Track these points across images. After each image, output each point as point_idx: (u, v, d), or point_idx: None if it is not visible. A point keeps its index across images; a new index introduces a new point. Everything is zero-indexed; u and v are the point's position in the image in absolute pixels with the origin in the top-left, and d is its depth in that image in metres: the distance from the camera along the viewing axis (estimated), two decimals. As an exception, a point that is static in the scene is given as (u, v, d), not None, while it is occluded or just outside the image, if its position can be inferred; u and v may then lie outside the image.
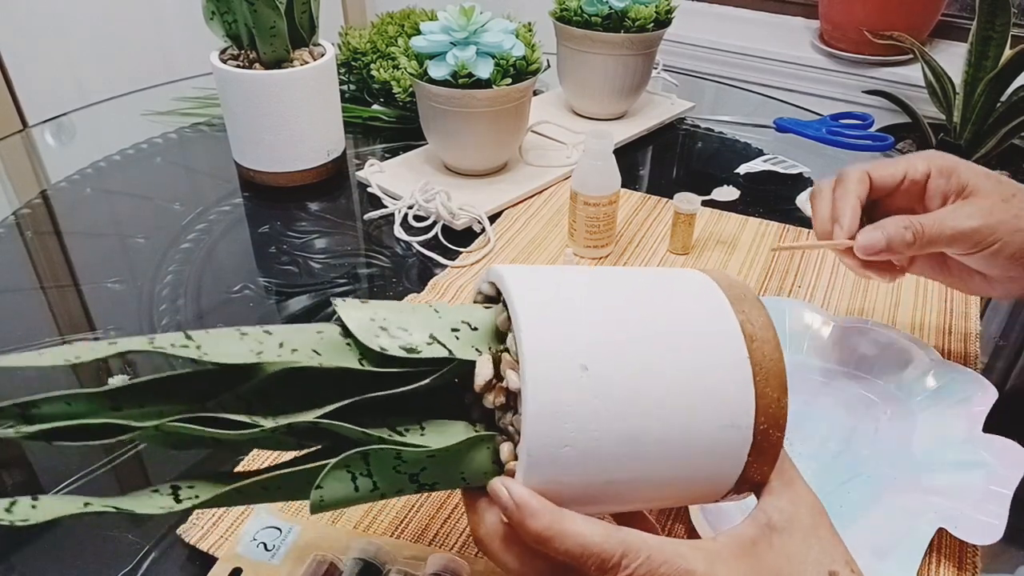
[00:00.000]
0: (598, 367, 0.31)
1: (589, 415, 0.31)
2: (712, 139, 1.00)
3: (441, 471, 0.33)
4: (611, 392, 0.31)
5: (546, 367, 0.31)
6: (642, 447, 0.32)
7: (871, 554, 0.43)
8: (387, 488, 0.32)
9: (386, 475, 0.32)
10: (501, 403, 0.32)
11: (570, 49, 0.93)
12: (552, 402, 0.30)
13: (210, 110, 1.03)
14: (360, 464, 0.32)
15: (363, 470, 0.32)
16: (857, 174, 0.50)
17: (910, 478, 0.49)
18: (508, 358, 0.32)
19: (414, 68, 0.77)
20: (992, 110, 1.47)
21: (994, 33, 1.41)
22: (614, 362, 0.32)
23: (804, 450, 0.52)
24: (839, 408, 0.55)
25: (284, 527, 0.45)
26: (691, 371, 0.32)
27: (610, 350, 0.32)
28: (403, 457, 0.32)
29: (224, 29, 0.79)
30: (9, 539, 0.46)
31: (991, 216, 0.48)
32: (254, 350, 0.31)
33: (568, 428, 0.30)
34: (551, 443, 0.30)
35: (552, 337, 0.31)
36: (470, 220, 0.77)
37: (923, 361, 0.56)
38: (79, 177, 0.87)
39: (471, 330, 0.34)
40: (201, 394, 0.32)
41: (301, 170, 0.82)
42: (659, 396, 0.32)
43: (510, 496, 0.31)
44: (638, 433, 0.31)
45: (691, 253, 0.73)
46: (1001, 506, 0.44)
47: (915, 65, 1.60)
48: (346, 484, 0.32)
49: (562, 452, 0.30)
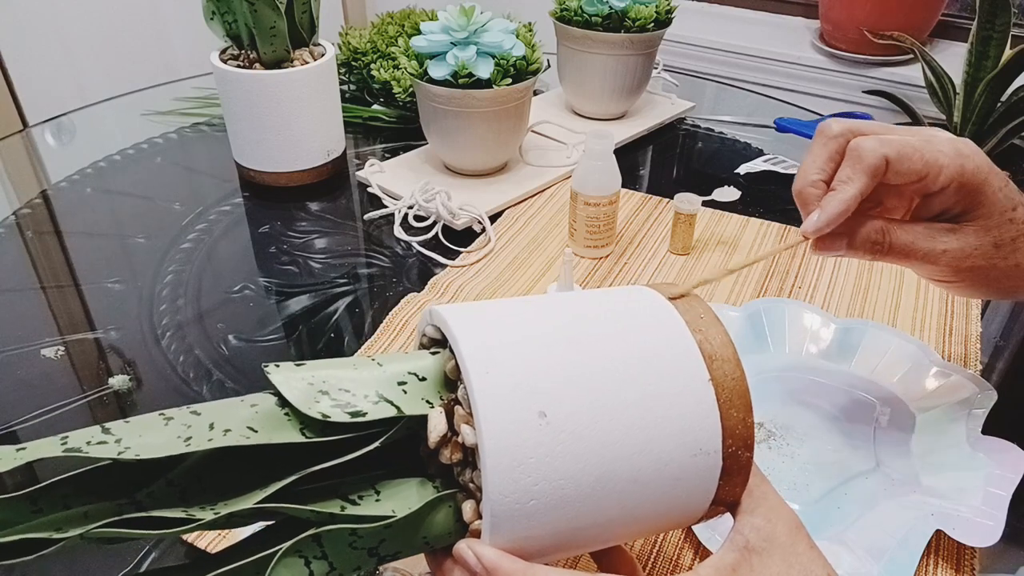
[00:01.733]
0: (557, 411, 0.29)
1: (552, 464, 0.29)
2: (712, 139, 1.00)
3: (402, 539, 0.31)
4: (573, 437, 0.29)
5: (502, 419, 0.29)
6: (611, 488, 0.30)
7: (869, 555, 0.43)
8: (344, 567, 0.30)
9: (342, 554, 0.30)
10: (458, 459, 0.31)
11: (570, 49, 0.93)
12: (512, 455, 0.28)
13: (210, 110, 1.03)
14: (313, 547, 0.29)
15: (316, 552, 0.29)
16: (875, 161, 0.41)
17: (909, 480, 0.49)
18: (461, 411, 0.31)
19: (414, 68, 0.77)
20: (992, 110, 1.47)
21: (994, 33, 1.41)
22: (573, 404, 0.30)
23: (803, 451, 0.52)
24: (838, 409, 0.55)
25: (284, 527, 0.45)
26: (654, 403, 0.31)
27: (568, 392, 0.30)
28: (359, 533, 0.30)
29: (224, 29, 0.79)
30: (9, 539, 0.46)
31: (966, 262, 0.43)
32: (181, 436, 0.28)
33: (531, 480, 0.29)
34: (515, 498, 0.29)
35: (505, 385, 0.29)
36: (470, 220, 0.77)
37: (923, 363, 0.56)
38: (79, 177, 0.87)
39: (419, 381, 0.32)
40: (129, 484, 0.29)
41: (301, 170, 0.82)
42: (623, 434, 0.30)
43: (478, 560, 0.30)
44: (605, 475, 0.30)
45: (691, 253, 0.73)
46: (999, 508, 0.44)
47: (915, 65, 1.60)
48: (299, 570, 0.29)
49: (528, 506, 0.29)
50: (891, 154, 0.41)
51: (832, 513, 0.47)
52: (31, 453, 0.27)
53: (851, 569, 0.43)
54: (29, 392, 0.57)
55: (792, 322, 0.61)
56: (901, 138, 0.42)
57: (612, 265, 0.72)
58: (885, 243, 0.43)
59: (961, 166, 0.42)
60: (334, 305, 0.67)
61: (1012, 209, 0.43)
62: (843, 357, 0.58)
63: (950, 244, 0.43)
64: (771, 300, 0.64)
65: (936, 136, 0.43)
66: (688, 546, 0.46)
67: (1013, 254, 0.43)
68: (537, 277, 0.70)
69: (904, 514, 0.46)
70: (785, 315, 0.61)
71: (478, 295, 0.68)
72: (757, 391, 0.54)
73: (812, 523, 0.46)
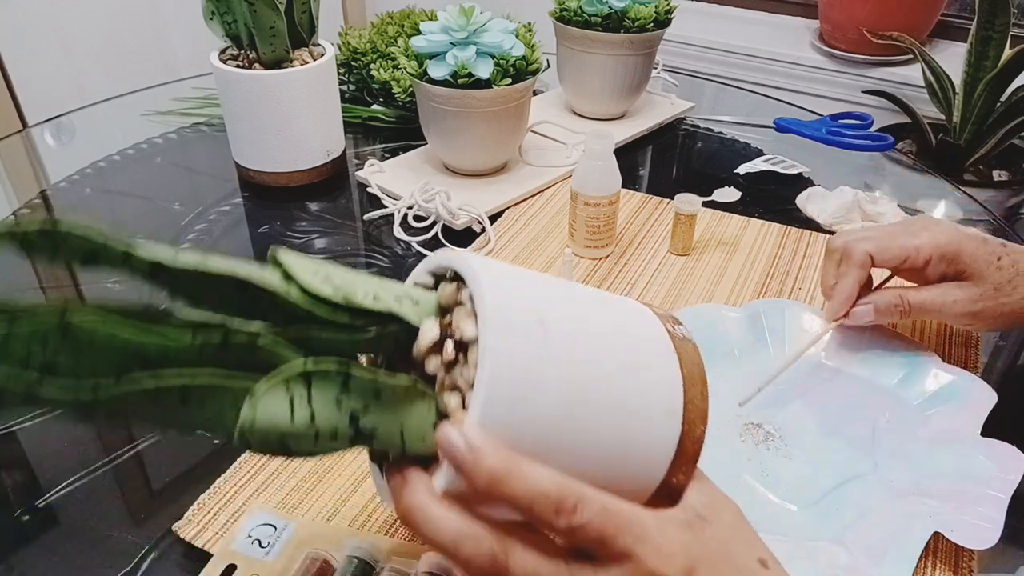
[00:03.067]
0: (553, 325, 0.31)
1: (544, 368, 0.30)
2: (712, 139, 1.00)
3: (383, 415, 0.30)
4: (565, 349, 0.31)
5: (505, 316, 0.30)
6: (590, 406, 0.31)
7: (866, 556, 0.43)
8: (323, 424, 0.29)
9: (327, 407, 0.29)
10: (450, 359, 0.31)
11: (570, 49, 0.93)
12: (511, 349, 0.29)
13: (210, 110, 1.03)
14: (301, 388, 0.28)
15: (303, 395, 0.28)
16: (860, 257, 0.54)
17: (907, 481, 0.49)
18: (462, 311, 0.31)
19: (414, 68, 0.77)
20: (992, 110, 1.47)
21: (994, 33, 1.41)
22: (569, 324, 0.32)
23: (802, 453, 0.52)
24: (838, 410, 0.55)
25: (279, 524, 0.46)
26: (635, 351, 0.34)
27: (564, 312, 0.32)
28: (349, 387, 0.29)
29: (224, 29, 0.79)
30: (9, 539, 0.46)
31: (977, 304, 0.53)
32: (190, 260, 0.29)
33: (523, 378, 0.30)
34: (506, 392, 0.29)
35: (510, 290, 0.31)
36: (470, 220, 0.77)
37: (923, 363, 0.56)
38: (79, 177, 0.87)
39: (413, 303, 0.32)
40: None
41: (301, 170, 0.82)
42: (608, 358, 0.33)
43: (462, 436, 0.29)
44: (588, 394, 0.31)
45: (692, 254, 0.73)
46: (998, 511, 0.44)
47: (915, 65, 1.60)
48: (283, 408, 0.28)
49: (516, 402, 0.30)
50: (872, 249, 0.54)
51: (831, 514, 0.47)
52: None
53: (850, 570, 0.43)
54: (29, 392, 0.57)
55: (792, 323, 0.61)
56: (880, 235, 0.55)
57: (612, 265, 0.72)
58: (904, 305, 0.54)
59: (935, 241, 0.53)
60: (334, 305, 0.67)
61: (997, 259, 0.53)
62: (842, 358, 0.58)
63: (958, 295, 0.53)
64: (771, 301, 0.64)
65: (912, 223, 0.55)
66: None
67: (1014, 291, 0.52)
68: (537, 277, 0.70)
69: (903, 515, 0.46)
70: (785, 316, 0.61)
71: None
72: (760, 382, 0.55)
73: (811, 524, 0.47)
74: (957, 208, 0.85)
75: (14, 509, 0.48)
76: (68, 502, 0.49)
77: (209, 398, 0.28)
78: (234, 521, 0.46)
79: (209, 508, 0.47)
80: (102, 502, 0.49)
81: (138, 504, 0.49)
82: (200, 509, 0.47)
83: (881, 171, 0.94)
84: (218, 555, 0.44)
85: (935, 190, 0.90)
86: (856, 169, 0.93)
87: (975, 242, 0.53)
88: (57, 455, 0.52)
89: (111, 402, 0.26)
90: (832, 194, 0.80)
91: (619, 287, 0.69)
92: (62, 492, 0.49)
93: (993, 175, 1.53)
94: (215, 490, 0.49)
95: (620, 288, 0.69)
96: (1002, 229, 0.81)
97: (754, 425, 0.54)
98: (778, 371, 0.54)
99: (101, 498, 0.49)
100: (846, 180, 0.86)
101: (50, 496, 0.49)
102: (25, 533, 0.47)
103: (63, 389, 0.26)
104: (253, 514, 0.46)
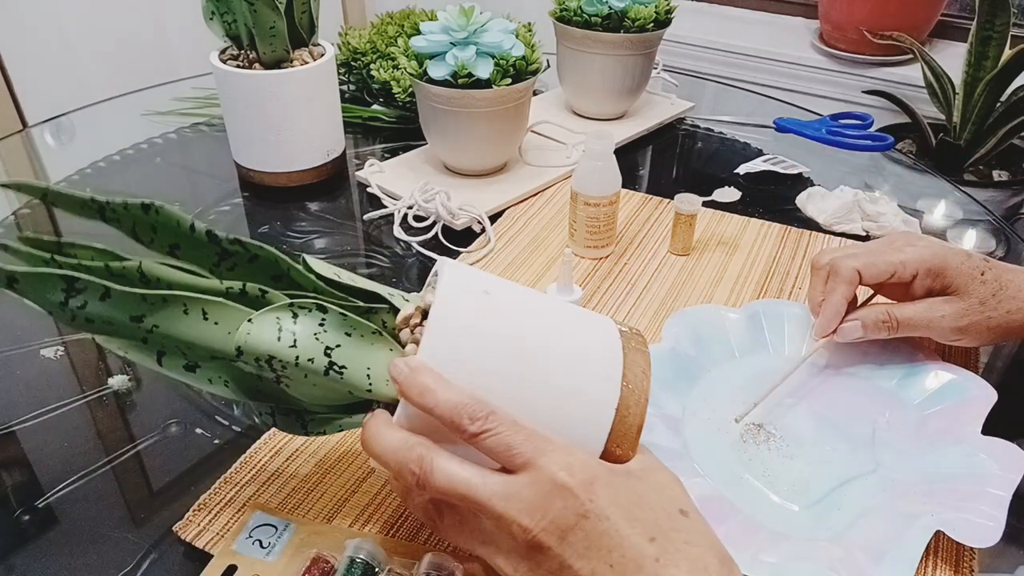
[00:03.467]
0: (498, 296, 0.38)
1: (486, 319, 0.37)
2: (712, 139, 1.00)
3: (353, 353, 0.37)
4: (505, 310, 0.37)
5: (456, 282, 0.37)
6: (528, 358, 0.36)
7: (868, 556, 0.43)
8: (302, 351, 0.37)
9: (307, 338, 0.37)
10: (415, 323, 0.39)
11: (570, 49, 0.93)
12: (457, 301, 0.36)
13: (210, 110, 1.03)
14: (289, 318, 0.37)
15: (290, 323, 0.37)
16: (848, 274, 0.54)
17: (908, 480, 0.49)
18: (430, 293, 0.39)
19: (414, 68, 0.77)
20: (992, 110, 1.47)
21: (994, 33, 1.41)
22: (511, 298, 0.39)
23: (803, 453, 0.52)
24: (838, 410, 0.55)
25: (280, 525, 0.46)
26: (576, 323, 0.39)
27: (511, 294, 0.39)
28: (325, 325, 0.37)
29: (224, 29, 0.79)
30: (9, 539, 0.46)
31: (964, 319, 0.53)
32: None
33: (466, 324, 0.36)
34: (451, 331, 0.36)
35: (467, 272, 0.39)
36: (470, 220, 0.77)
37: (923, 363, 0.56)
38: (79, 177, 0.87)
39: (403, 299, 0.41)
40: None
41: (301, 170, 0.82)
42: (548, 324, 0.38)
43: (405, 363, 0.35)
44: (526, 345, 0.37)
45: (692, 254, 0.73)
46: (999, 509, 0.44)
47: (915, 65, 1.60)
48: (272, 330, 0.36)
49: (460, 346, 0.36)
50: (859, 265, 0.54)
51: (832, 514, 0.47)
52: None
53: (851, 569, 0.42)
54: (28, 392, 0.57)
55: (792, 323, 0.61)
56: (868, 251, 0.56)
57: (612, 265, 0.72)
58: (892, 321, 0.54)
59: (920, 256, 0.54)
60: (334, 305, 0.67)
61: (980, 274, 0.53)
62: (842, 358, 0.58)
63: (945, 310, 0.53)
64: (771, 301, 0.64)
65: (895, 239, 0.56)
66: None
67: (999, 305, 0.53)
68: (537, 277, 0.70)
69: (904, 515, 0.46)
70: (784, 316, 0.61)
71: (478, 295, 0.68)
72: (757, 392, 0.55)
73: (813, 523, 0.47)
74: (957, 208, 0.85)
75: (14, 509, 0.48)
76: (68, 502, 0.49)
77: (223, 318, 0.37)
78: (235, 522, 0.46)
79: (209, 509, 0.47)
80: (102, 502, 0.49)
81: (138, 504, 0.49)
82: (200, 510, 0.47)
83: (881, 171, 0.94)
84: (219, 555, 0.44)
85: (935, 190, 0.90)
86: (856, 169, 0.93)
87: (959, 256, 0.54)
88: (57, 455, 0.52)
89: (160, 305, 0.37)
90: (832, 194, 0.80)
91: (619, 287, 0.69)
92: (62, 492, 0.49)
93: (993, 175, 1.54)
94: (215, 490, 0.48)
95: (620, 288, 0.69)
96: (1002, 229, 0.81)
97: (755, 426, 0.54)
98: (771, 388, 0.54)
99: (101, 498, 0.49)
100: (846, 180, 0.86)
101: (50, 496, 0.49)
102: (25, 533, 0.47)
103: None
104: (254, 514, 0.46)
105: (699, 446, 0.52)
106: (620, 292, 0.68)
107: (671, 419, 0.53)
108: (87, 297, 0.37)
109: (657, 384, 0.55)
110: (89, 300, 0.36)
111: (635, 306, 0.67)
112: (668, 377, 0.56)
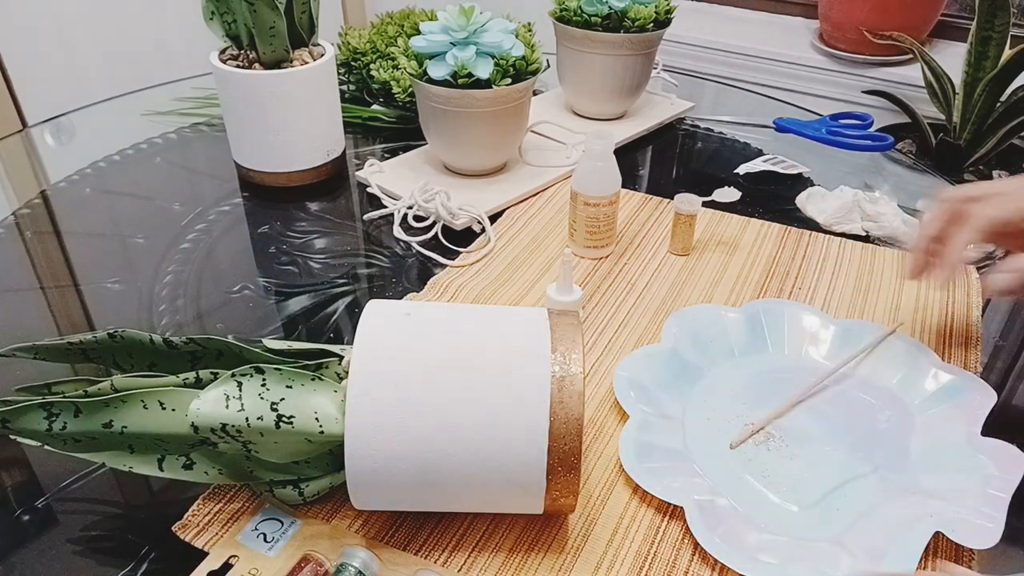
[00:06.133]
0: (419, 317, 0.43)
1: (406, 341, 0.42)
2: (712, 139, 1.00)
3: (296, 402, 0.42)
4: (426, 329, 0.43)
5: (380, 311, 0.44)
6: (446, 379, 0.41)
7: (868, 557, 0.43)
8: (250, 411, 0.41)
9: (252, 398, 0.41)
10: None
11: (570, 49, 0.93)
12: (381, 331, 0.43)
13: (210, 110, 1.03)
14: (234, 388, 0.41)
15: (236, 392, 0.41)
16: (983, 224, 0.49)
17: (908, 481, 0.49)
18: None
19: (414, 68, 0.77)
20: (992, 110, 1.47)
21: (994, 33, 1.41)
22: (433, 317, 0.44)
23: (802, 453, 0.52)
24: (838, 411, 0.55)
25: (286, 520, 0.46)
26: (498, 327, 0.44)
27: (433, 314, 0.44)
28: (267, 384, 0.42)
29: (224, 29, 0.79)
30: (9, 539, 0.46)
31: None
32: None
33: (389, 347, 0.42)
34: (374, 353, 0.41)
35: (389, 301, 0.46)
36: (470, 220, 0.77)
37: (923, 364, 0.56)
38: (79, 177, 0.87)
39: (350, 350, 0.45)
40: None
41: (301, 170, 0.82)
42: (465, 341, 0.43)
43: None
44: (445, 360, 0.41)
45: (691, 254, 0.73)
46: (999, 510, 0.44)
47: (915, 65, 1.60)
48: (220, 402, 0.41)
49: (381, 371, 0.41)
50: (998, 215, 0.49)
51: (831, 515, 0.47)
52: None
53: (851, 571, 0.43)
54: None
55: (792, 323, 0.61)
56: (1003, 196, 0.50)
57: (612, 265, 0.72)
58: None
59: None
60: (333, 305, 0.67)
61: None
62: (842, 358, 0.58)
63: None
64: (771, 301, 0.64)
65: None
66: (686, 547, 0.46)
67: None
68: (537, 277, 0.70)
69: (903, 516, 0.46)
70: (785, 316, 0.61)
71: (477, 295, 0.68)
72: (757, 392, 0.55)
73: (812, 524, 0.47)
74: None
75: (14, 509, 0.48)
76: (68, 502, 0.49)
77: (179, 404, 0.42)
78: (234, 522, 0.46)
79: (209, 509, 0.47)
80: (102, 502, 0.49)
81: (138, 504, 0.49)
82: (200, 510, 0.47)
83: (881, 171, 0.94)
84: (222, 545, 0.44)
85: (935, 190, 0.90)
86: (856, 169, 0.93)
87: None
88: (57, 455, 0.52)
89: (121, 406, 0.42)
90: (832, 194, 0.80)
91: (619, 287, 0.69)
92: (62, 492, 0.49)
93: (993, 175, 1.53)
94: (215, 491, 0.48)
95: (620, 288, 0.69)
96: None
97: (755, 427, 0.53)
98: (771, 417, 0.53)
99: (101, 498, 0.49)
100: (846, 180, 0.86)
101: (50, 496, 0.49)
102: (25, 533, 0.47)
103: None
104: (263, 508, 0.47)
105: (699, 446, 0.52)
106: (620, 292, 0.68)
107: (671, 419, 0.53)
108: (64, 418, 0.42)
109: (657, 384, 0.55)
110: (67, 420, 0.42)
111: (635, 306, 0.67)
112: (668, 377, 0.56)
